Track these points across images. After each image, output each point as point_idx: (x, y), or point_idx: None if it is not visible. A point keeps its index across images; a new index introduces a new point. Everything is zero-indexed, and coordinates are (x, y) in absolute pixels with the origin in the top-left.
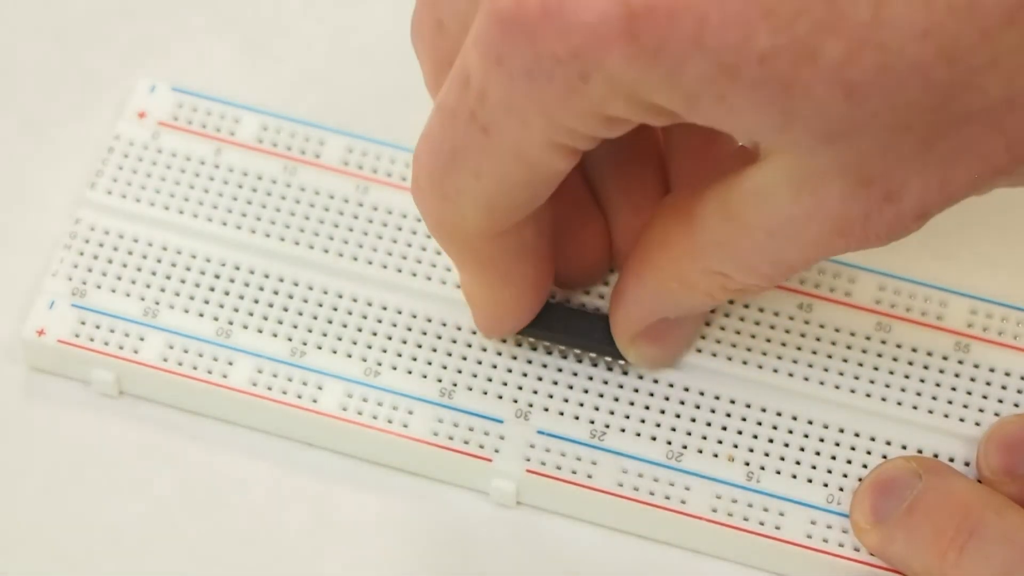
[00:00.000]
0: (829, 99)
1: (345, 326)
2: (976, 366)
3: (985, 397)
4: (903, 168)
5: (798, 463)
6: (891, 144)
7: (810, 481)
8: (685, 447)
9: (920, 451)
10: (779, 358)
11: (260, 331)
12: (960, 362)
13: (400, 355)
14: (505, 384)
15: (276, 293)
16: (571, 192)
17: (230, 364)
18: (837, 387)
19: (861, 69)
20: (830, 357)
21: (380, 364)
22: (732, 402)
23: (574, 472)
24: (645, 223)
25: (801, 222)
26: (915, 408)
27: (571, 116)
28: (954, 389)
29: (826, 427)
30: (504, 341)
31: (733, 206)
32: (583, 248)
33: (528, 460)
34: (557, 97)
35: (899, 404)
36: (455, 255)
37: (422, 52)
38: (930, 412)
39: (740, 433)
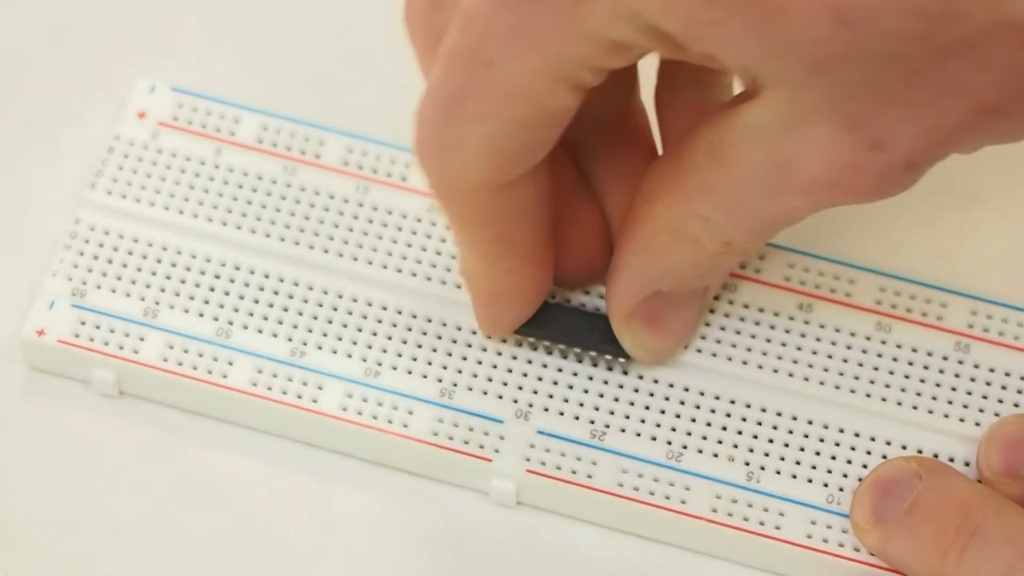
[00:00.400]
0: (818, 22)
1: (345, 326)
2: (976, 366)
3: (985, 397)
4: (891, 109)
5: (798, 463)
6: (878, 78)
7: (810, 481)
8: (685, 447)
9: (920, 451)
10: (779, 358)
11: (260, 331)
12: (960, 362)
13: (400, 355)
14: (505, 384)
15: (276, 293)
16: (566, 185)
17: (230, 364)
18: (837, 387)
19: None
20: (830, 357)
21: (380, 364)
22: (732, 402)
23: (574, 472)
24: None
25: (785, 166)
26: (915, 408)
27: (574, 40)
28: (954, 389)
29: (826, 427)
30: (504, 341)
31: (722, 145)
32: (581, 241)
33: (528, 460)
34: (560, 18)
35: (899, 404)
36: (455, 216)
37: (417, 30)
38: (930, 412)
39: (740, 433)
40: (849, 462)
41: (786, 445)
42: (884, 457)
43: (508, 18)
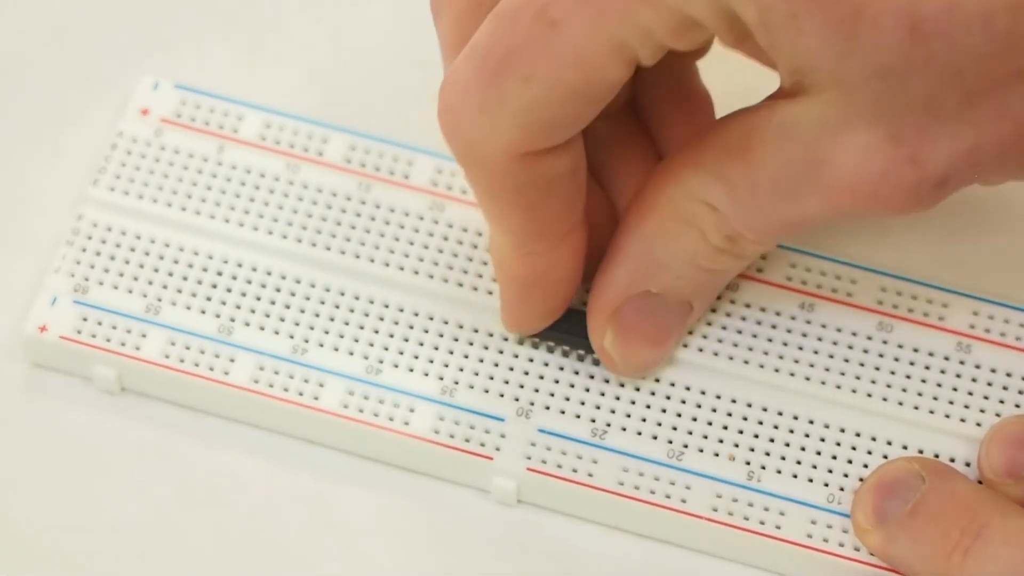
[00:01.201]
0: (894, 31)
1: (347, 324)
2: (977, 367)
3: (986, 398)
4: (939, 126)
5: (799, 463)
6: (936, 94)
7: (811, 481)
8: (686, 446)
9: (921, 451)
10: (781, 358)
11: (262, 328)
12: (961, 363)
13: (401, 353)
14: (506, 382)
15: (278, 290)
16: None
17: (232, 361)
18: (838, 387)
19: (931, 5)
20: (832, 357)
21: (381, 362)
22: (733, 401)
23: (575, 471)
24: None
25: (815, 168)
26: (916, 408)
27: (651, 10)
28: (955, 390)
29: (827, 427)
30: (506, 339)
31: (751, 138)
32: (589, 230)
33: (529, 459)
34: None
35: (900, 404)
36: (481, 185)
37: None
38: (931, 412)
39: (741, 433)
40: (850, 462)
41: (787, 445)
42: (885, 457)
43: None
